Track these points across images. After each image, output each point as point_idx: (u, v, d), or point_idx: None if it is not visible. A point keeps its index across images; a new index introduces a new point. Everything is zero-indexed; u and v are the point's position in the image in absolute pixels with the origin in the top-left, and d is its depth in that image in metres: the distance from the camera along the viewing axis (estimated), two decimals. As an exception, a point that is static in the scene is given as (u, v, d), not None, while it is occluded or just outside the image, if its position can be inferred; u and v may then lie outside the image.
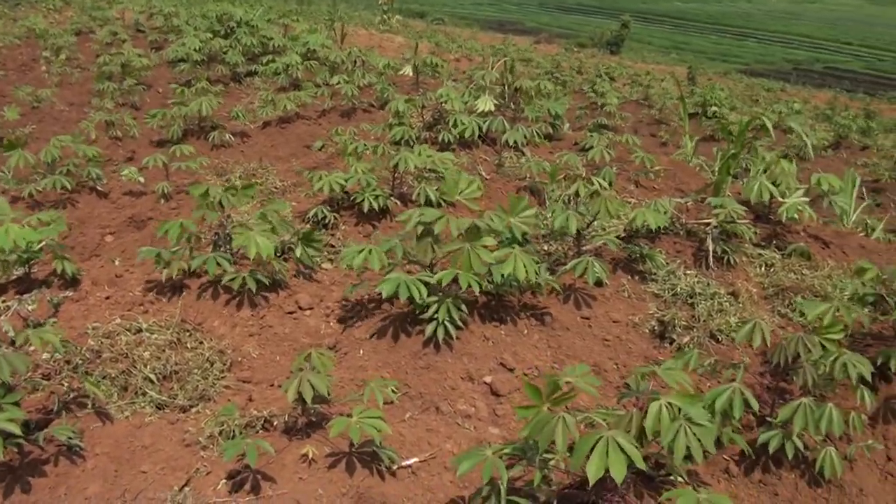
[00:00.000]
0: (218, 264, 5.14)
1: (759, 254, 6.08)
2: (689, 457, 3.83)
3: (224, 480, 3.72)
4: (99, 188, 7.54)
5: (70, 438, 3.83)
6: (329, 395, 4.07)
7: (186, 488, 3.68)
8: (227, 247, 5.39)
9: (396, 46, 18.30)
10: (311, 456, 3.84)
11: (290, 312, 5.21)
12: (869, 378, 4.21)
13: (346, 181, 6.31)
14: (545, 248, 5.97)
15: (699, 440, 3.15)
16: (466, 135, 7.74)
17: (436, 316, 4.58)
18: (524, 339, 4.88)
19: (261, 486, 3.68)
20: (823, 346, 4.17)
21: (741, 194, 6.61)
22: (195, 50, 11.76)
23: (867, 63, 54.94)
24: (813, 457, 4.07)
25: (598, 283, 5.30)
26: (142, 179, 7.60)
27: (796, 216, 6.23)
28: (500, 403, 4.44)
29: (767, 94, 24.35)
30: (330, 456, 3.87)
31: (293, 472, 3.78)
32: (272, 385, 4.57)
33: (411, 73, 9.85)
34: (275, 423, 4.16)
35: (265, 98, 10.05)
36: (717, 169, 7.24)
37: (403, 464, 3.93)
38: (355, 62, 11.38)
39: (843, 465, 4.07)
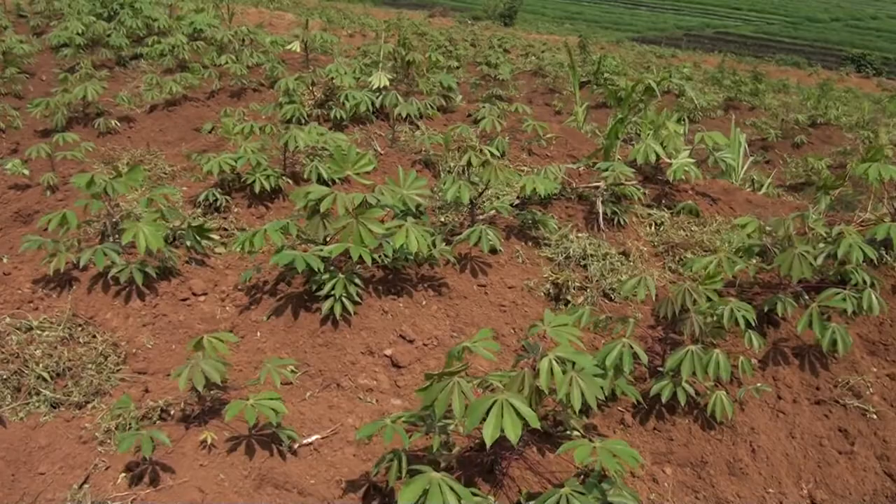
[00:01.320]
0: (105, 255, 4.96)
1: (649, 213, 6.26)
2: (585, 411, 3.95)
3: (123, 474, 3.63)
4: (-17, 184, 7.21)
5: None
6: (225, 379, 4.01)
7: (86, 486, 3.58)
8: (116, 237, 5.22)
9: (287, 24, 17.99)
10: (210, 442, 3.78)
11: (184, 299, 5.09)
12: (754, 323, 4.40)
13: (235, 162, 6.18)
14: (441, 219, 5.99)
15: (592, 388, 3.23)
16: (359, 110, 7.68)
17: (332, 292, 4.55)
18: (423, 311, 4.90)
19: (161, 476, 3.61)
20: (710, 298, 4.34)
21: (630, 157, 6.77)
22: (78, 34, 11.27)
23: (756, 27, 56.94)
24: (705, 402, 4.23)
25: (493, 251, 5.35)
26: (26, 172, 7.27)
27: (683, 176, 6.41)
28: (402, 375, 4.46)
29: (659, 60, 25.00)
30: (229, 440, 3.82)
31: (193, 460, 3.72)
32: (168, 374, 4.47)
33: (300, 50, 9.68)
34: (172, 413, 4.08)
35: (151, 81, 9.73)
36: (607, 134, 7.39)
37: (305, 442, 3.91)
38: (243, 41, 11.12)
39: (734, 407, 4.25)
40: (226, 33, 11.12)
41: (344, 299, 4.57)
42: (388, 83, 7.89)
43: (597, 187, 6.12)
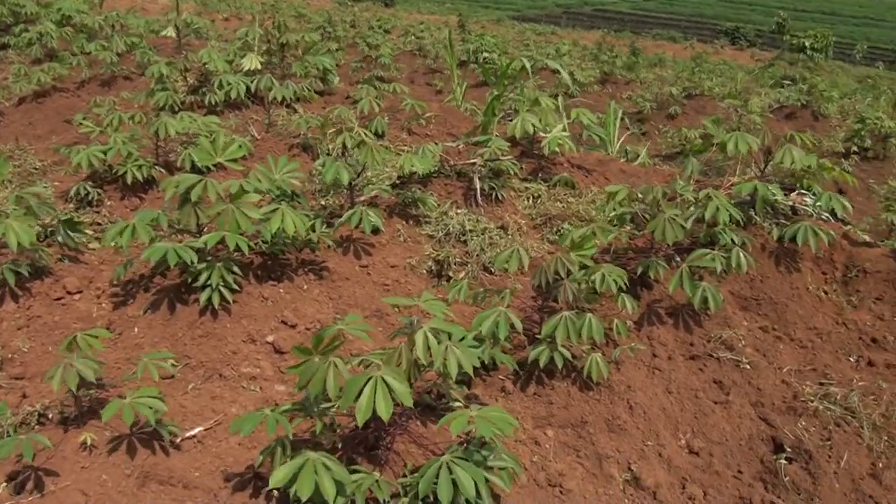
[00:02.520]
0: (-25, 258, 4.74)
1: (526, 187, 6.40)
2: (466, 382, 4.04)
3: (4, 483, 3.50)
4: None
5: None
6: (101, 377, 3.91)
7: (-34, 499, 3.44)
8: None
9: (160, 8, 17.42)
10: (90, 443, 3.69)
11: (59, 299, 4.92)
12: (626, 286, 4.57)
13: (105, 154, 5.99)
14: (322, 202, 5.97)
15: (468, 357, 3.30)
16: (233, 95, 7.53)
17: (208, 282, 4.48)
18: (304, 295, 4.88)
19: (43, 482, 3.50)
20: (585, 265, 4.48)
21: (508, 133, 6.88)
22: (-59, 26, 10.65)
23: (633, 4, 58.45)
24: (582, 364, 4.38)
25: (374, 231, 5.38)
26: None
27: (558, 149, 6.58)
28: (285, 360, 4.44)
29: (538, 37, 25.41)
30: (110, 440, 3.73)
31: (74, 463, 3.62)
32: (51, 378, 4.32)
33: (174, 35, 9.39)
34: (50, 416, 3.96)
35: (18, 72, 9.27)
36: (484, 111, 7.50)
37: (187, 435, 3.85)
38: (113, 27, 10.71)
39: (610, 368, 4.43)
40: (95, 19, 10.70)
41: (221, 288, 4.51)
42: (259, 66, 7.76)
43: (474, 164, 6.22)
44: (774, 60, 26.99)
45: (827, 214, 5.58)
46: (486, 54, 15.19)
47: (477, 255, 5.41)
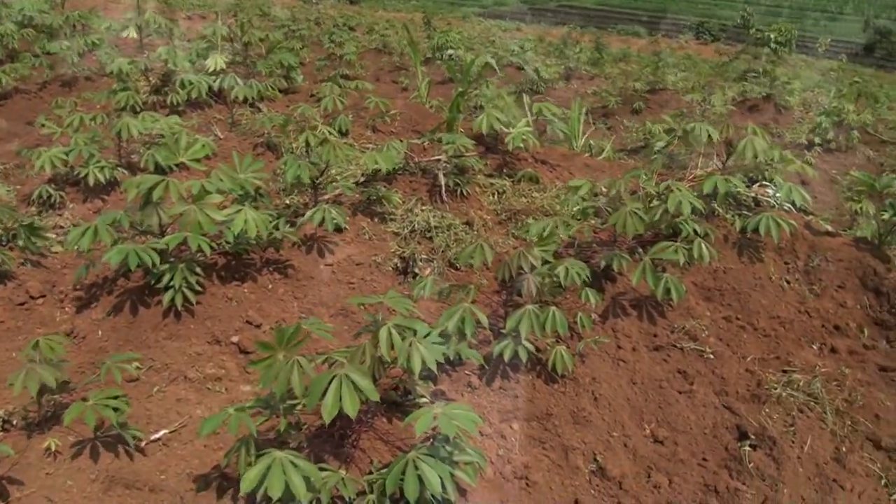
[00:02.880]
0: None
1: (491, 183, 6.41)
2: (432, 377, 4.05)
3: (-32, 495, 3.46)
4: None
5: None
6: (67, 382, 3.88)
7: (-71, 511, 3.40)
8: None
9: (123, 7, 17.14)
10: (54, 449, 3.66)
11: (21, 304, 4.86)
12: (589, 280, 4.60)
13: (67, 155, 5.93)
14: (286, 201, 5.95)
15: (432, 352, 3.31)
16: (195, 95, 7.48)
17: (171, 283, 4.45)
18: (269, 294, 4.87)
19: (7, 490, 3.47)
20: (548, 260, 4.51)
21: (473, 130, 6.90)
22: None
23: (598, -1, 58.53)
24: (546, 357, 4.42)
25: (338, 229, 5.37)
26: None
27: (522, 144, 6.60)
28: (251, 361, 4.42)
29: (504, 34, 25.40)
30: (74, 445, 3.71)
31: (39, 469, 3.60)
32: (12, 384, 4.27)
33: (135, 35, 9.29)
34: (14, 422, 3.91)
35: (-21, 74, 9.14)
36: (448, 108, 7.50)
37: (152, 438, 3.83)
38: (74, 27, 10.57)
39: (574, 360, 4.46)
40: (56, 19, 10.56)
41: (185, 290, 4.48)
42: (224, 66, 7.71)
43: (438, 160, 6.23)
44: (738, 54, 27.24)
45: (789, 205, 5.66)
46: (451, 51, 15.17)
47: (442, 252, 5.42)
